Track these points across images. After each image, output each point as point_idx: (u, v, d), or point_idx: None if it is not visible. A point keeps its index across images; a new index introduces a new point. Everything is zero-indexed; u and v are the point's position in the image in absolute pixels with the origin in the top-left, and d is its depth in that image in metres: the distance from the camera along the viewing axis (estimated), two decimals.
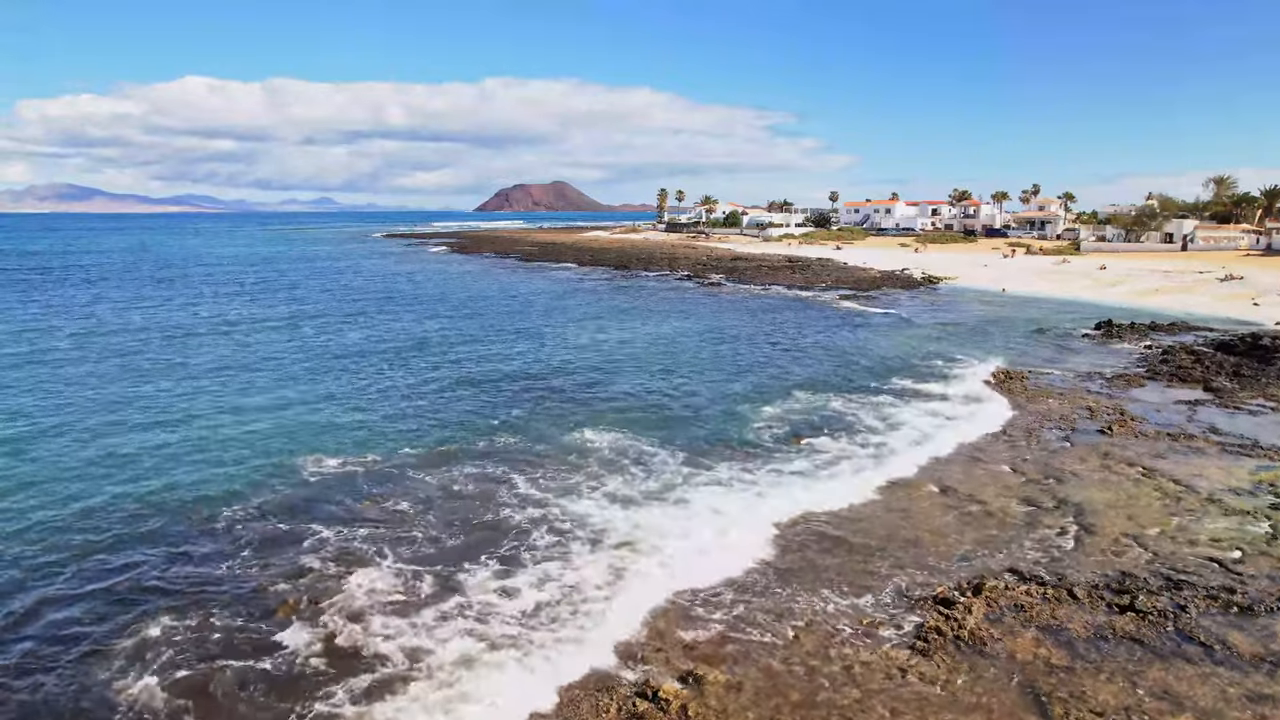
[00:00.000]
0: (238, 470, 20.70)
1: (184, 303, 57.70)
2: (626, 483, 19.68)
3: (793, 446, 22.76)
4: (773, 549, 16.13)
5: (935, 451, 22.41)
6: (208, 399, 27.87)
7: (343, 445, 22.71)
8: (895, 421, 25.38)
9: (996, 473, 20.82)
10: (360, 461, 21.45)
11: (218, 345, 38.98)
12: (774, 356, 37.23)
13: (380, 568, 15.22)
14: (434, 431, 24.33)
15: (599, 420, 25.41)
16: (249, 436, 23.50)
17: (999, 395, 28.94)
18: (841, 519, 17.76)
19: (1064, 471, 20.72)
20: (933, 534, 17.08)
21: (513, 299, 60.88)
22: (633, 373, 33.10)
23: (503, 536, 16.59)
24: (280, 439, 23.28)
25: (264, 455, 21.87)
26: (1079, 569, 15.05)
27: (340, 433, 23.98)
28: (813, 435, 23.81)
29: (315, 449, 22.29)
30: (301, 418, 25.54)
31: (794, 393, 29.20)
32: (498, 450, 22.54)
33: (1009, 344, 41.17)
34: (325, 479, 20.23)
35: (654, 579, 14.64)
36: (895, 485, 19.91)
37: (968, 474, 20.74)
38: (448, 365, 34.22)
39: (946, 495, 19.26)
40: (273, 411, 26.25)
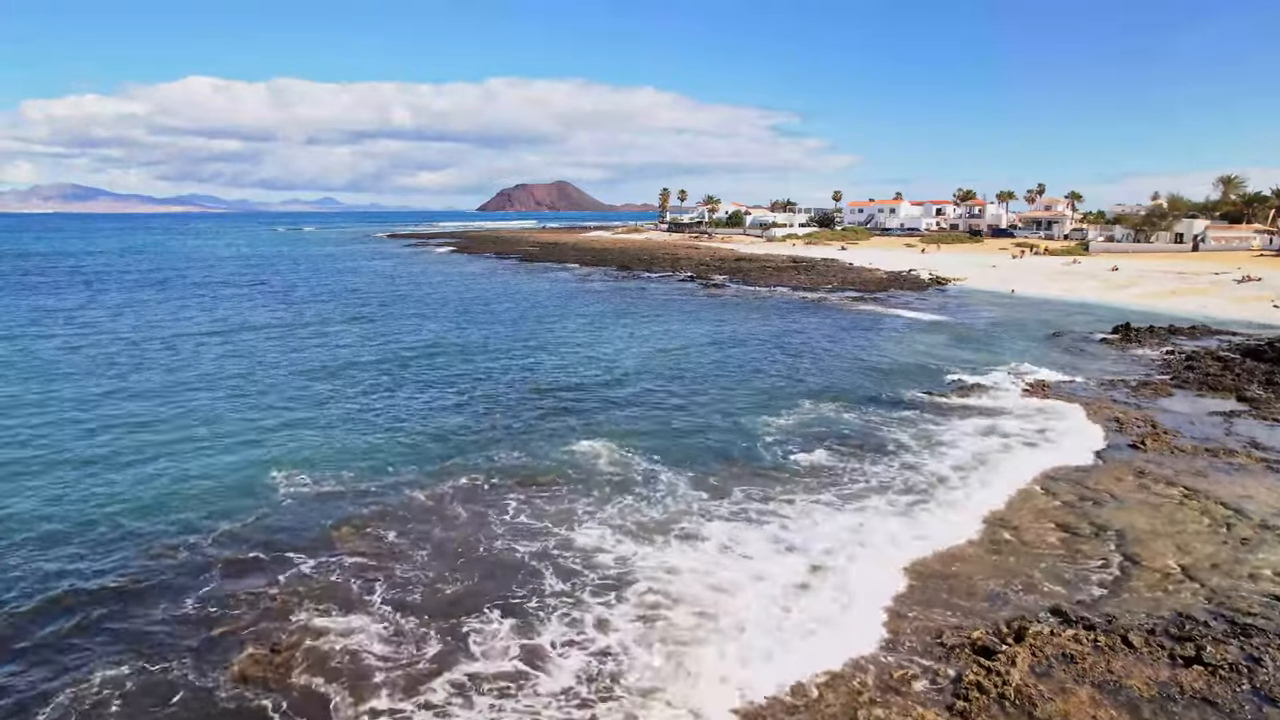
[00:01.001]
0: (207, 488, 19.28)
1: (176, 307, 56.35)
2: (634, 510, 18.06)
3: (815, 473, 20.95)
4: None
5: (999, 483, 19.83)
6: (181, 410, 26.41)
7: (324, 461, 21.26)
8: (935, 441, 23.25)
9: (1027, 492, 19.34)
10: (343, 480, 20.01)
11: (202, 352, 37.56)
12: (784, 362, 35.75)
13: (366, 613, 13.53)
14: (426, 446, 22.88)
15: (601, 434, 23.95)
16: (223, 451, 22.06)
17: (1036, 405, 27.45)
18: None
19: (1099, 492, 19.24)
20: (960, 563, 15.63)
21: (512, 302, 59.45)
22: (636, 381, 31.65)
23: (507, 577, 14.84)
24: (257, 454, 21.83)
25: (238, 472, 20.44)
26: (1129, 609, 13.57)
27: (322, 448, 22.52)
28: (836, 454, 22.25)
29: (293, 465, 20.87)
30: (282, 431, 24.10)
31: (809, 403, 27.70)
32: (494, 468, 21.08)
33: (1026, 349, 39.66)
34: (303, 499, 18.79)
35: (696, 639, 12.67)
36: (939, 518, 17.87)
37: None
38: (441, 374, 32.78)
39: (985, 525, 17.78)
40: (252, 424, 24.81)
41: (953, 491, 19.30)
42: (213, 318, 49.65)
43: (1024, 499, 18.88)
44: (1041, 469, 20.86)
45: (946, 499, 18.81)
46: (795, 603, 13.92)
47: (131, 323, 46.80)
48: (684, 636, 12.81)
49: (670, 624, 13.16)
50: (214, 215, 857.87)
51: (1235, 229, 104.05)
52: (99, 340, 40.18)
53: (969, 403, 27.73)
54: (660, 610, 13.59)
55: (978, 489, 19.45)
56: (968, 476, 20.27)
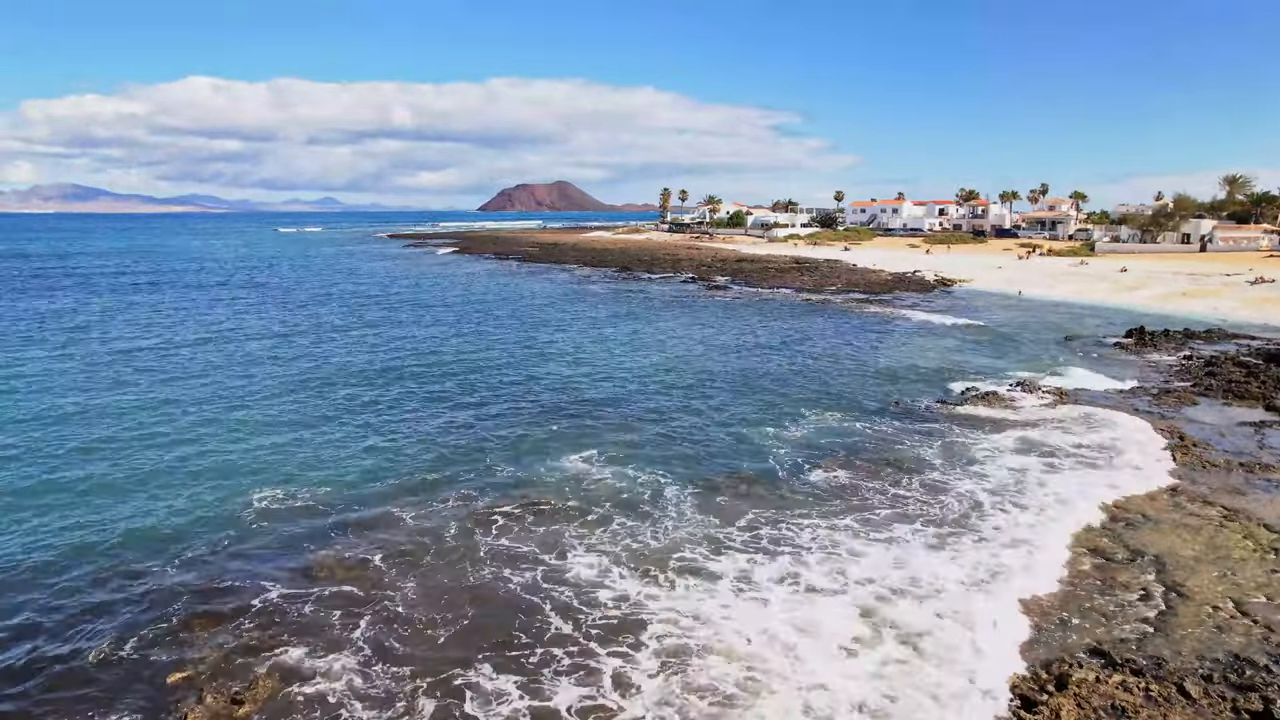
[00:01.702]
0: (179, 509, 18.10)
1: (168, 312, 55.21)
2: (638, 537, 16.78)
3: (833, 494, 19.61)
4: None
5: (1041, 510, 18.17)
6: (159, 423, 25.18)
7: (308, 480, 20.07)
8: (960, 457, 21.76)
9: (1072, 518, 18.10)
10: (327, 499, 18.84)
11: (188, 360, 36.38)
12: (791, 368, 34.54)
13: (346, 657, 12.27)
14: (416, 462, 21.68)
15: (600, 447, 22.75)
16: (200, 469, 20.84)
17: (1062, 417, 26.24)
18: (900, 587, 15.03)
19: (1130, 512, 18.03)
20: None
21: (510, 306, 58.28)
22: (636, 389, 30.45)
23: (505, 617, 13.50)
24: (236, 471, 20.62)
25: (214, 491, 19.25)
26: (1179, 649, 12.38)
27: (307, 464, 21.31)
28: (854, 471, 21.02)
29: (274, 483, 19.68)
30: (265, 446, 22.86)
31: (819, 413, 26.50)
32: (487, 485, 19.90)
33: (1039, 354, 38.46)
34: (283, 521, 17.61)
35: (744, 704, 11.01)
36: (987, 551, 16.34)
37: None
38: (434, 384, 31.52)
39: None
40: (234, 438, 23.56)
41: (987, 519, 17.71)
42: (203, 324, 48.50)
43: (1061, 522, 17.64)
44: (1085, 495, 19.32)
45: (982, 527, 17.20)
46: (867, 664, 12.03)
47: (119, 329, 45.63)
48: (725, 699, 11.16)
49: (704, 686, 11.45)
50: (215, 215, 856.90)
51: (1244, 229, 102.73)
52: (83, 347, 39.03)
53: (989, 414, 26.46)
54: (688, 666, 11.93)
55: (1017, 517, 17.86)
56: (1003, 502, 18.70)
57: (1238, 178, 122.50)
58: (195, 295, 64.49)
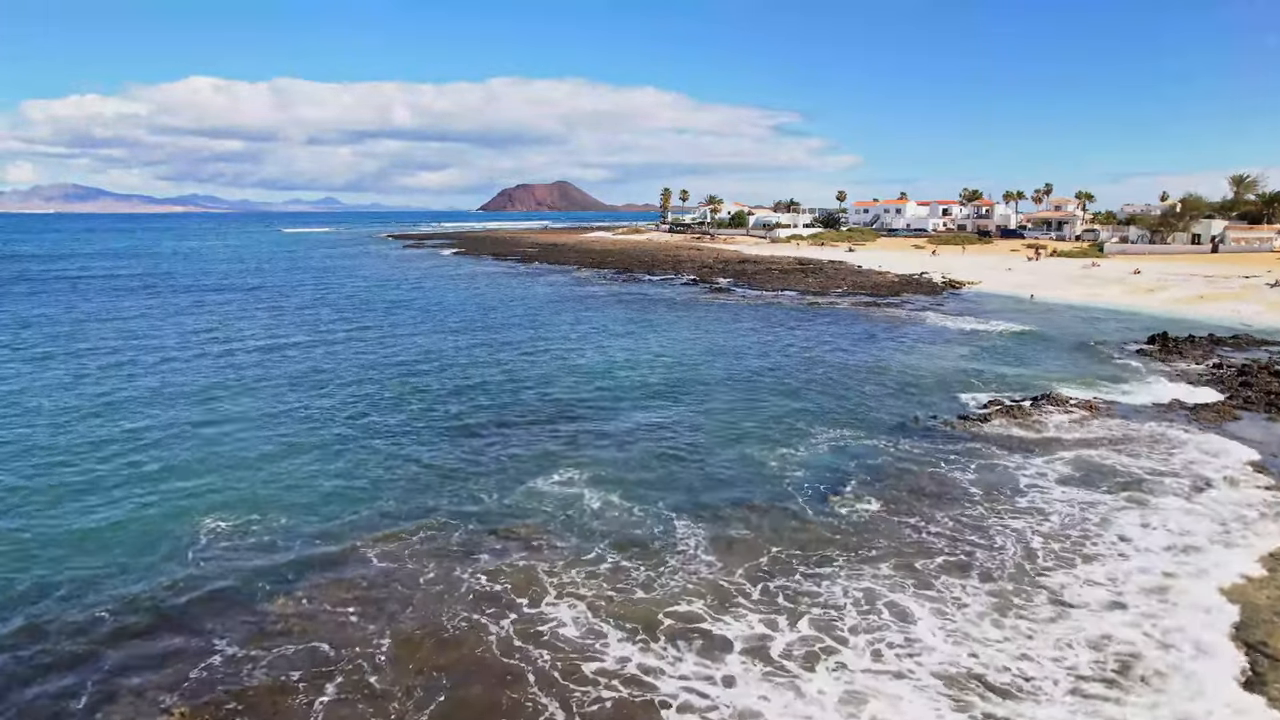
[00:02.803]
0: (110, 539, 16.29)
1: (155, 316, 53.38)
2: (633, 586, 14.77)
3: (860, 530, 17.40)
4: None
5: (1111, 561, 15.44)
6: (112, 438, 23.20)
7: (270, 505, 18.19)
8: (1000, 486, 19.53)
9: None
10: (288, 530, 16.98)
11: (163, 369, 34.51)
12: (800, 379, 32.66)
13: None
14: (388, 485, 19.81)
15: (594, 468, 20.88)
16: (149, 490, 18.93)
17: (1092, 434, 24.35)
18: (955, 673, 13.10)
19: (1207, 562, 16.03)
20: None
21: (506, 310, 56.42)
22: (635, 404, 28.56)
23: (487, 692, 11.62)
24: (190, 493, 18.72)
25: (161, 516, 17.38)
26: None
27: (270, 488, 19.41)
28: (882, 501, 19.06)
29: (232, 509, 17.83)
30: (226, 466, 20.91)
31: (834, 431, 24.60)
32: (468, 513, 18.03)
33: (1060, 363, 36.58)
34: (237, 555, 15.77)
35: None
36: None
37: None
38: (418, 397, 29.43)
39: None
40: (193, 456, 21.55)
41: (1057, 572, 15.17)
42: (186, 330, 46.64)
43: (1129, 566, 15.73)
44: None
45: (1055, 585, 14.62)
46: None
47: (99, 335, 43.77)
48: None
49: None
50: (215, 215, 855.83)
51: (1256, 229, 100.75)
52: (53, 354, 37.17)
53: (1021, 433, 24.46)
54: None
55: (1103, 571, 15.08)
56: (1075, 548, 16.09)
57: (1245, 177, 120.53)
58: (185, 299, 62.63)
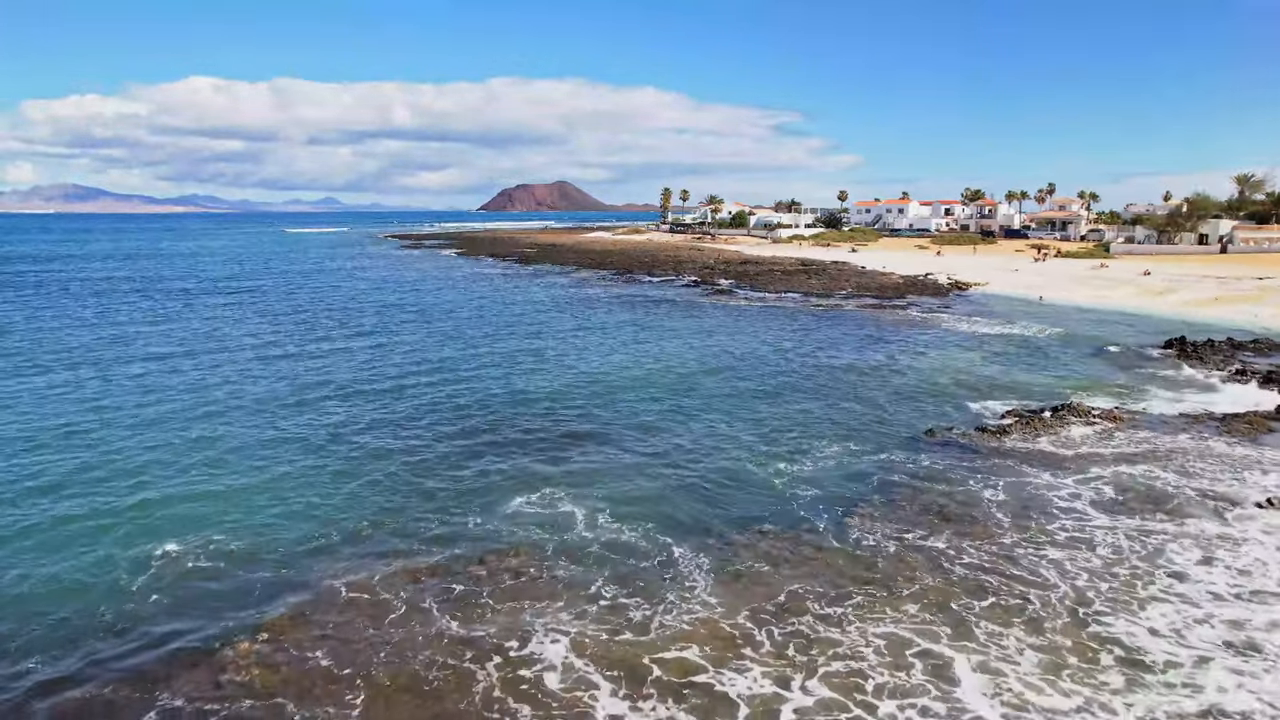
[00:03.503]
0: (57, 570, 14.77)
1: (136, 322, 52.00)
2: (628, 627, 13.32)
3: (881, 561, 15.53)
4: None
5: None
6: (70, 453, 21.72)
7: (233, 530, 16.72)
8: (1029, 508, 17.94)
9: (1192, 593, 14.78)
10: (251, 559, 15.54)
11: (138, 378, 33.06)
12: (808, 387, 31.24)
13: None
14: (363, 504, 18.34)
15: (587, 486, 19.46)
16: (101, 512, 17.41)
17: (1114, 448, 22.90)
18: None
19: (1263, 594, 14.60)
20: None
21: (500, 314, 54.99)
22: (632, 414, 27.12)
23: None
24: (147, 517, 17.21)
25: (110, 538, 15.96)
26: None
27: (234, 511, 17.87)
28: (903, 525, 17.62)
29: (187, 529, 16.46)
30: (190, 487, 19.37)
31: (846, 444, 23.17)
32: (448, 536, 16.60)
33: (1077, 368, 35.15)
34: (188, 585, 14.42)
35: None
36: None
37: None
38: (404, 409, 27.73)
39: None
40: (155, 475, 19.98)
41: (1108, 622, 13.18)
42: (170, 336, 45.23)
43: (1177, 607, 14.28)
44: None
45: (1107, 636, 12.81)
46: None
47: (77, 340, 42.36)
48: None
49: None
50: (215, 215, 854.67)
51: (1266, 230, 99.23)
52: (28, 360, 35.76)
53: (1048, 447, 22.91)
54: None
55: (1167, 622, 13.24)
56: (1125, 592, 14.16)
57: (1250, 176, 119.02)
58: (173, 303, 61.23)
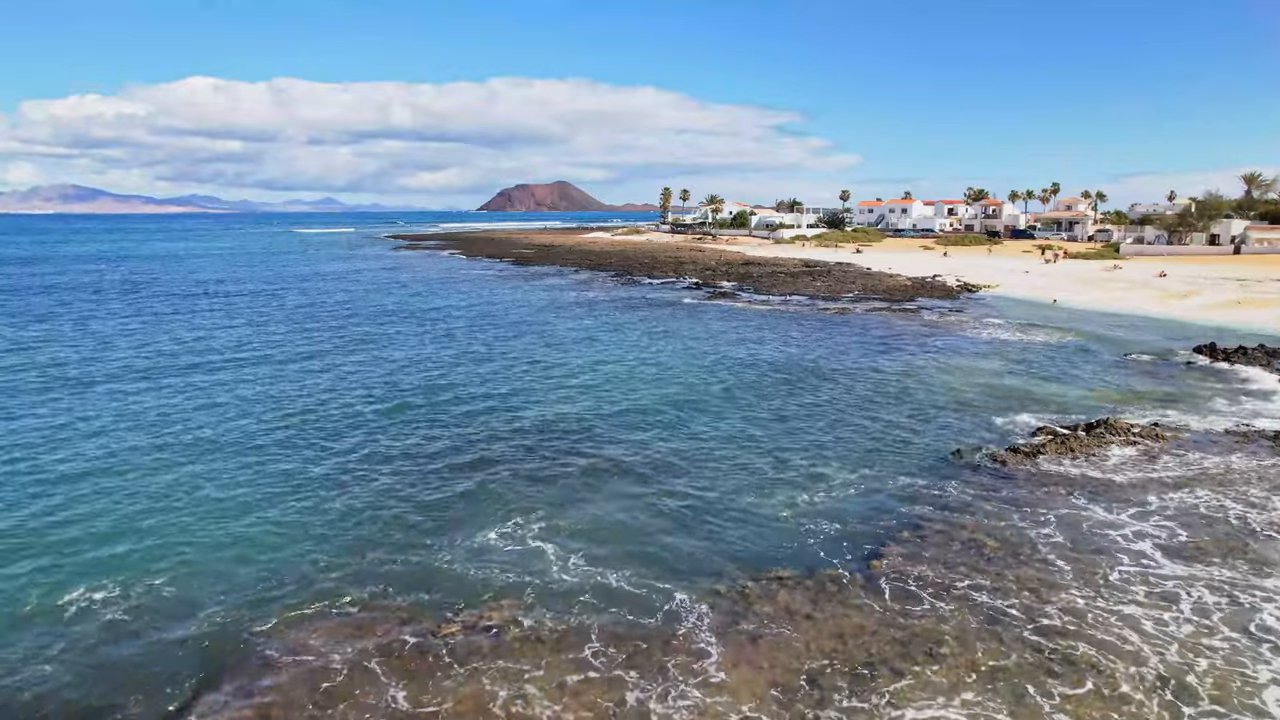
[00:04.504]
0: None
1: (111, 329, 49.90)
2: (624, 714, 11.27)
3: (920, 618, 13.52)
4: None
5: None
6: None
7: (160, 570, 14.58)
8: (1084, 546, 15.79)
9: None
10: (176, 604, 13.44)
11: (103, 394, 30.98)
12: (819, 401, 29.07)
13: None
14: (323, 551, 16.12)
15: (580, 522, 17.30)
16: (12, 549, 15.25)
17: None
18: None
19: None
20: None
21: (494, 319, 52.84)
22: (631, 433, 24.94)
23: None
24: (70, 555, 15.05)
25: (17, 582, 13.75)
26: None
27: (164, 544, 15.69)
28: (940, 568, 15.42)
29: (111, 570, 14.24)
30: (117, 514, 17.18)
31: (865, 470, 20.98)
32: (418, 585, 14.45)
33: (1104, 378, 32.99)
34: (101, 649, 12.21)
35: None
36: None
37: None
38: (383, 426, 25.52)
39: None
40: (89, 506, 17.75)
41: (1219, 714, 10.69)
42: (146, 344, 43.16)
43: None
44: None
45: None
46: None
47: (54, 349, 40.27)
48: None
49: None
50: (214, 216, 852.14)
51: (1279, 230, 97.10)
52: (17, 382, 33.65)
53: (1089, 473, 20.68)
54: None
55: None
56: (1225, 674, 11.69)
57: (1257, 175, 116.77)
58: (163, 306, 59.14)
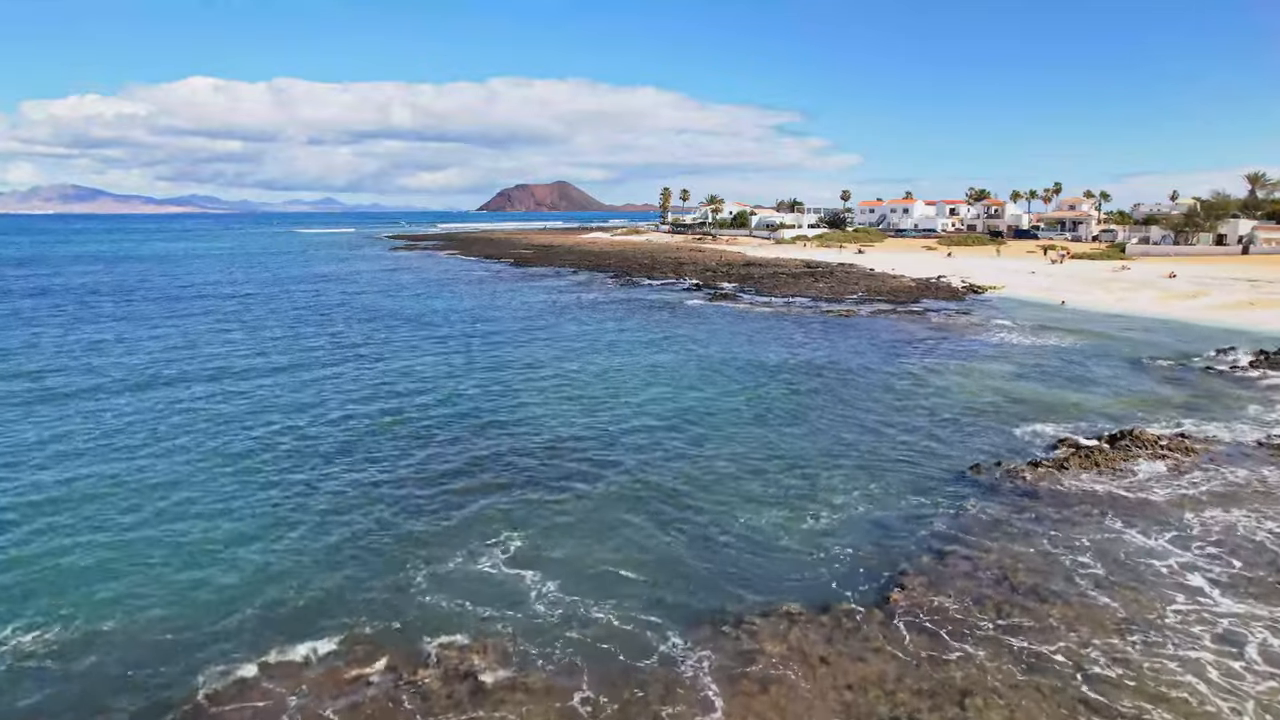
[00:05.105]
0: None
1: (96, 333, 48.68)
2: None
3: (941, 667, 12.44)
4: None
5: None
6: None
7: (105, 612, 13.26)
8: (1129, 578, 14.49)
9: None
10: (111, 648, 12.09)
11: (65, 403, 29.72)
12: (826, 408, 27.80)
13: None
14: (285, 573, 14.90)
15: (569, 550, 16.03)
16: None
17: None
18: None
19: None
20: None
21: (488, 323, 51.55)
22: (626, 448, 23.61)
23: None
24: (8, 588, 13.75)
25: None
26: None
27: (115, 580, 14.34)
28: (958, 598, 14.13)
29: (51, 619, 12.89)
30: (67, 548, 15.82)
31: (875, 487, 19.71)
32: (387, 617, 13.17)
33: (1121, 383, 31.73)
34: (27, 699, 10.89)
35: None
36: None
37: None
38: (362, 442, 24.12)
39: None
40: (32, 532, 16.47)
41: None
42: (130, 351, 41.94)
43: None
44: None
45: None
46: None
47: (14, 363, 39.00)
48: None
49: None
50: (214, 216, 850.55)
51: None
52: None
53: (1119, 491, 19.41)
54: None
55: None
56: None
57: (1261, 175, 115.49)
58: (154, 308, 57.88)
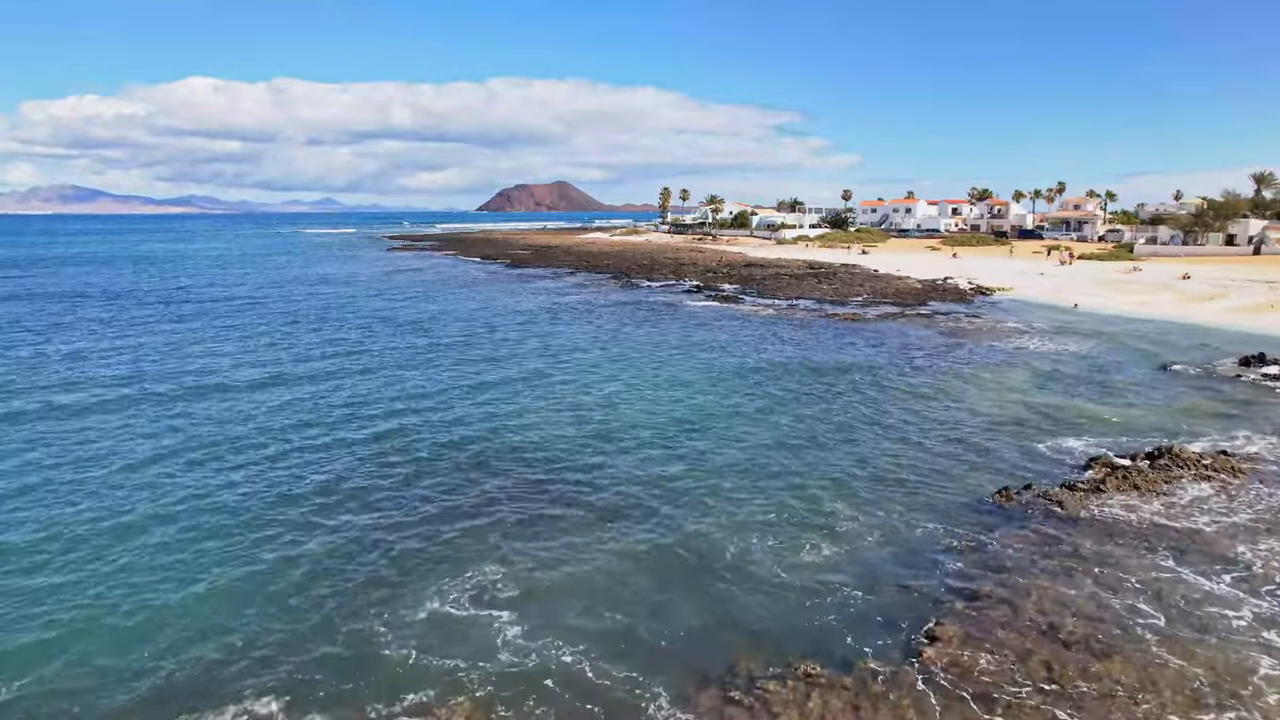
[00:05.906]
0: None
1: (76, 340, 46.96)
2: None
3: None
4: None
5: None
6: None
7: (40, 661, 11.50)
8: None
9: None
10: (51, 698, 10.36)
11: (39, 427, 28.01)
12: (841, 423, 26.07)
13: None
14: (236, 618, 13.17)
15: (549, 591, 14.27)
16: None
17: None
18: None
19: None
20: None
21: (482, 327, 49.79)
22: (619, 471, 21.77)
23: None
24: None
25: None
26: None
27: (48, 626, 12.58)
28: (1002, 654, 12.31)
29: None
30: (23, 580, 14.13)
31: (894, 514, 17.96)
32: (342, 667, 11.43)
33: (1144, 392, 30.02)
34: None
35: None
36: None
37: None
38: (339, 463, 22.23)
39: None
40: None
41: None
42: (111, 359, 40.24)
43: None
44: None
45: None
46: None
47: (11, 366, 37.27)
48: None
49: None
50: (213, 216, 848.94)
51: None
52: None
53: (1161, 518, 17.62)
54: None
55: None
56: None
57: (1266, 174, 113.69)
58: (145, 312, 56.18)
